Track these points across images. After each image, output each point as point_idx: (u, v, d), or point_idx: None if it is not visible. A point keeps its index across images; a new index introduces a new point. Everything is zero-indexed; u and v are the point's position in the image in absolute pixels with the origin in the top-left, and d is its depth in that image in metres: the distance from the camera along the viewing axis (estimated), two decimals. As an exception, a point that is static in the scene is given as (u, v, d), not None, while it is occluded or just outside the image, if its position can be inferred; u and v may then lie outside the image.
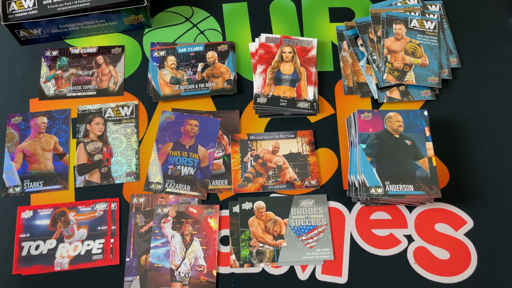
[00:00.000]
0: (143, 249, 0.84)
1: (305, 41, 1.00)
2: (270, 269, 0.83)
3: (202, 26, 1.05)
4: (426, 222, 0.87)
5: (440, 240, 0.85)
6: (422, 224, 0.87)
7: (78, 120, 0.94)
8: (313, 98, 0.95)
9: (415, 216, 0.87)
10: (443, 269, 0.83)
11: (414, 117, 0.86)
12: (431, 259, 0.84)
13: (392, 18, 1.01)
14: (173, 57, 0.99)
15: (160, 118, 0.95)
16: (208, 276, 0.82)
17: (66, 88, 0.97)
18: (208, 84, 0.97)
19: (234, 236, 0.85)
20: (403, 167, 0.82)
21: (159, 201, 0.88)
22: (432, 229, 0.86)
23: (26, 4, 0.93)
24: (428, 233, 0.86)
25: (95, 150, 0.92)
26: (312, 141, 0.93)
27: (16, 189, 0.89)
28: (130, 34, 1.03)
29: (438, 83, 0.96)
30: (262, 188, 0.89)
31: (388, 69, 0.96)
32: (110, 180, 0.90)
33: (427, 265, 0.84)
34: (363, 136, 0.85)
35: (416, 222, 0.87)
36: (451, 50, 1.02)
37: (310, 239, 0.85)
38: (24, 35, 0.98)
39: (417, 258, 0.84)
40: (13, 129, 0.93)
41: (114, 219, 0.86)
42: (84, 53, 1.01)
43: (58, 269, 0.83)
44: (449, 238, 0.86)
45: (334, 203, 0.88)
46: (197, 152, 0.92)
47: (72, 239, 0.85)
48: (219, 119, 0.95)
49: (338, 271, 0.83)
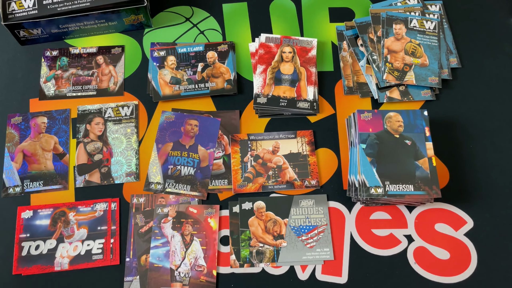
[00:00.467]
0: (143, 249, 0.84)
1: (305, 41, 1.00)
2: (270, 269, 0.83)
3: (202, 26, 1.05)
4: (426, 222, 0.87)
5: (440, 240, 0.85)
6: (422, 224, 0.87)
7: (78, 120, 0.94)
8: (313, 98, 0.95)
9: (415, 216, 0.87)
10: (443, 269, 0.83)
11: (414, 117, 0.86)
12: (431, 259, 0.84)
13: (392, 18, 1.01)
14: (173, 57, 0.99)
15: (160, 118, 0.95)
16: (208, 276, 0.82)
17: (66, 88, 0.97)
18: (208, 84, 0.97)
19: (234, 236, 0.85)
20: (403, 167, 0.82)
21: (159, 201, 0.88)
22: (432, 229, 0.86)
23: (26, 4, 0.93)
24: (428, 233, 0.86)
25: (95, 150, 0.92)
26: (312, 141, 0.93)
27: (16, 189, 0.89)
28: (130, 34, 1.03)
29: (438, 83, 0.96)
30: (262, 188, 0.89)
31: (388, 69, 0.96)
32: (110, 180, 0.90)
33: (427, 265, 0.84)
34: (363, 136, 0.85)
35: (416, 222, 0.87)
36: (451, 50, 1.02)
37: (310, 239, 0.85)
38: (24, 35, 0.98)
39: (417, 258, 0.84)
40: (13, 129, 0.93)
41: (114, 219, 0.86)
42: (84, 53, 1.01)
43: (58, 269, 0.83)
44: (449, 238, 0.86)
45: (334, 203, 0.88)
46: (197, 152, 0.92)
47: (72, 239, 0.85)
48: (219, 119, 0.95)
49: (338, 271, 0.83)
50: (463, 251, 0.85)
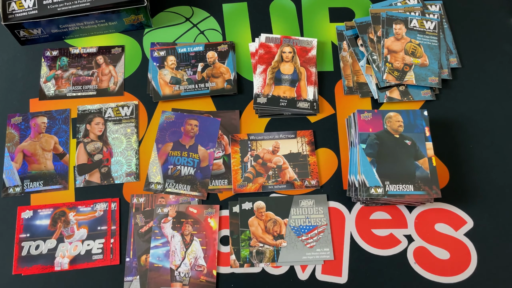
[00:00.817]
0: (143, 249, 0.84)
1: (305, 41, 1.00)
2: (270, 269, 0.83)
3: (202, 26, 1.05)
4: (426, 222, 0.87)
5: (440, 240, 0.85)
6: (422, 224, 0.87)
7: (78, 120, 0.94)
8: (313, 98, 0.95)
9: (415, 216, 0.87)
10: (443, 269, 0.83)
11: (414, 117, 0.86)
12: (431, 259, 0.84)
13: (392, 18, 1.01)
14: (173, 57, 0.99)
15: (160, 118, 0.95)
16: (208, 276, 0.82)
17: (66, 88, 0.97)
18: (208, 84, 0.97)
19: (234, 236, 0.85)
20: (403, 167, 0.82)
21: (159, 201, 0.88)
22: (432, 229, 0.86)
23: (26, 4, 0.93)
24: (428, 233, 0.86)
25: (95, 150, 0.92)
26: (312, 141, 0.93)
27: (16, 189, 0.89)
28: (130, 34, 1.03)
29: (438, 83, 0.96)
30: (262, 188, 0.89)
31: (388, 69, 0.96)
32: (110, 180, 0.90)
33: (427, 265, 0.84)
34: (363, 136, 0.85)
35: (416, 222, 0.87)
36: (451, 50, 1.02)
37: (310, 239, 0.85)
38: (24, 35, 0.98)
39: (417, 258, 0.84)
40: (13, 129, 0.93)
41: (114, 219, 0.86)
42: (84, 53, 1.01)
43: (58, 269, 0.83)
44: (449, 238, 0.86)
45: (334, 203, 0.88)
46: (197, 152, 0.92)
47: (72, 239, 0.85)
48: (219, 119, 0.95)
49: (338, 271, 0.83)
50: (463, 251, 0.85)
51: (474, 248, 0.85)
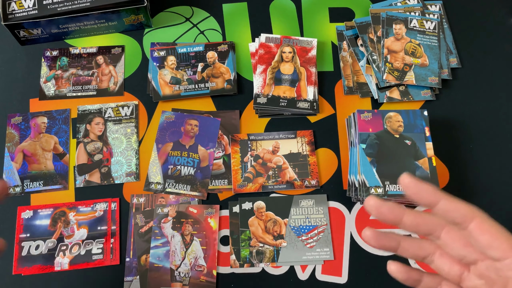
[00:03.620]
0: (143, 249, 0.84)
1: (305, 41, 1.00)
2: (270, 269, 0.83)
3: (202, 26, 1.05)
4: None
5: (440, 240, 0.85)
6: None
7: (78, 120, 0.94)
8: (313, 98, 0.95)
9: (415, 216, 0.87)
10: (443, 269, 0.83)
11: (414, 117, 0.86)
12: (431, 259, 0.84)
13: (392, 18, 1.01)
14: (173, 57, 0.99)
15: (160, 118, 0.95)
16: (208, 276, 0.82)
17: (66, 88, 0.97)
18: (208, 84, 0.97)
19: (234, 236, 0.85)
20: (403, 167, 0.82)
21: (159, 201, 0.88)
22: (432, 229, 0.86)
23: (26, 4, 0.93)
24: (428, 233, 0.86)
25: (95, 150, 0.92)
26: (312, 141, 0.93)
27: (16, 189, 0.89)
28: (130, 34, 1.03)
29: (438, 83, 0.96)
30: (262, 188, 0.89)
31: (388, 69, 0.96)
32: (110, 180, 0.90)
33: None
34: (363, 136, 0.85)
35: (416, 222, 0.87)
36: (451, 50, 1.02)
37: (310, 239, 0.85)
38: (24, 35, 0.98)
39: (417, 258, 0.84)
40: (13, 129, 0.93)
41: (114, 219, 0.86)
42: (84, 53, 1.01)
43: (58, 269, 0.83)
44: (449, 238, 0.85)
45: (334, 203, 0.88)
46: (197, 152, 0.92)
47: (72, 239, 0.85)
48: (219, 119, 0.95)
49: (338, 271, 0.83)
50: (463, 251, 0.84)
51: (474, 248, 0.85)
